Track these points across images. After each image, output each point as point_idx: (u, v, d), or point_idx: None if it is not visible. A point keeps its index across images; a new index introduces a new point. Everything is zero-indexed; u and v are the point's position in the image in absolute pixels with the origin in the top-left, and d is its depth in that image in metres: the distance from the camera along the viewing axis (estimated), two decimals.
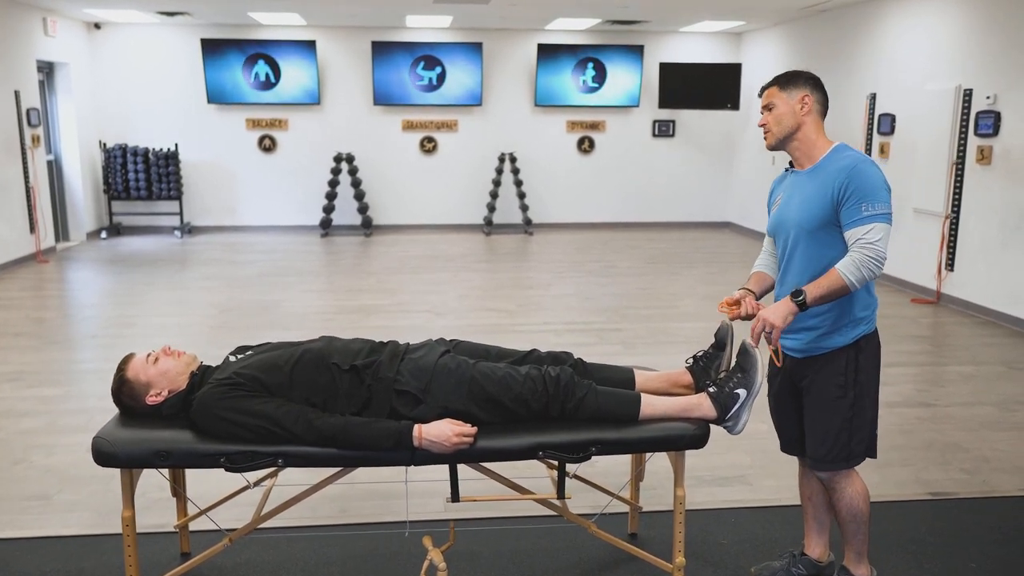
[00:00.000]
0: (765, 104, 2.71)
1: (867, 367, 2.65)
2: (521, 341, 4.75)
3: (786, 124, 2.66)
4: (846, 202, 2.51)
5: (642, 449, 2.75)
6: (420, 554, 2.83)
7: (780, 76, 2.72)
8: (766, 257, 2.94)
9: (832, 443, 2.65)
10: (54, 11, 9.67)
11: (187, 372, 2.73)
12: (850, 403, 2.63)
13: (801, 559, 2.95)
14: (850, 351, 2.63)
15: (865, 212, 2.48)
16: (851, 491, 2.70)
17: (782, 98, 2.67)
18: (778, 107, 2.67)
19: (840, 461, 2.66)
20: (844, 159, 2.59)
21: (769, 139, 2.71)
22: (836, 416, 2.64)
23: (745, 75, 11.32)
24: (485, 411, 2.63)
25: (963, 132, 7.05)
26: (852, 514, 2.71)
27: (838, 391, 2.63)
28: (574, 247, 10.34)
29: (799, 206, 2.65)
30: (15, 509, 3.48)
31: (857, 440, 2.66)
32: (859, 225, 2.49)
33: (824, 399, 2.66)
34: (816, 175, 2.64)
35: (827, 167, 2.61)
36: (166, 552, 3.11)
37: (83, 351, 5.88)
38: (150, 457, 2.51)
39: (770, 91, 2.70)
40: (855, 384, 2.63)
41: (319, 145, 11.30)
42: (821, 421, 2.67)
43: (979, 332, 6.40)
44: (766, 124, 2.70)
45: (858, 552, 2.78)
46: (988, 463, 4.00)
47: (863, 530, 2.74)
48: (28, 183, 9.12)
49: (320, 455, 2.53)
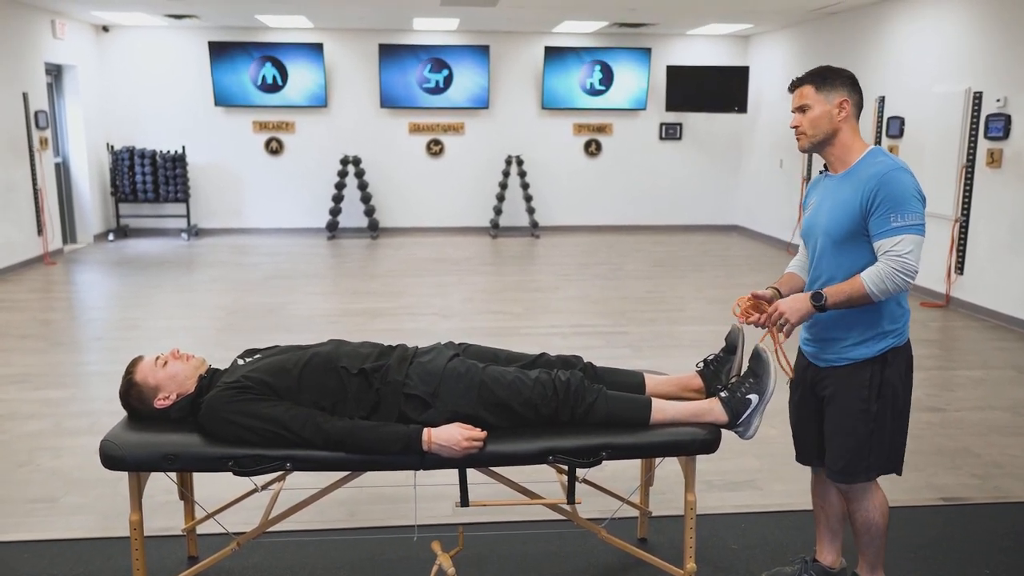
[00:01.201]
0: (799, 105, 2.53)
1: (893, 381, 2.54)
2: (528, 344, 4.74)
3: (822, 128, 2.51)
4: (875, 211, 2.39)
5: (653, 454, 2.73)
6: (429, 558, 2.81)
7: (815, 73, 2.53)
8: (800, 259, 2.83)
9: (851, 457, 2.57)
10: (62, 14, 9.70)
11: (195, 375, 2.71)
12: (872, 417, 2.54)
13: (813, 565, 2.90)
14: (876, 364, 2.52)
15: (894, 223, 2.36)
16: (868, 503, 2.63)
17: (819, 100, 2.50)
18: (813, 109, 2.50)
19: (859, 474, 2.58)
20: (876, 165, 2.45)
21: (802, 142, 2.55)
22: (857, 430, 2.55)
23: (752, 78, 11.30)
24: (495, 415, 2.61)
25: (973, 135, 7.02)
26: (867, 526, 2.65)
27: (861, 404, 2.53)
28: (581, 250, 10.32)
29: (828, 213, 2.54)
30: (21, 512, 3.47)
31: (876, 455, 2.57)
32: (888, 236, 2.37)
33: (846, 411, 2.56)
34: (847, 181, 2.51)
35: (859, 172, 2.48)
36: (173, 556, 3.10)
37: (89, 353, 5.88)
38: (158, 460, 2.50)
39: (804, 91, 2.52)
40: (879, 398, 2.53)
41: (326, 148, 11.31)
42: (841, 434, 2.58)
43: (989, 336, 6.36)
44: (800, 126, 2.53)
45: (871, 564, 2.72)
46: (1000, 468, 3.96)
47: (878, 543, 2.67)
48: (36, 185, 9.14)
49: (328, 459, 2.52)
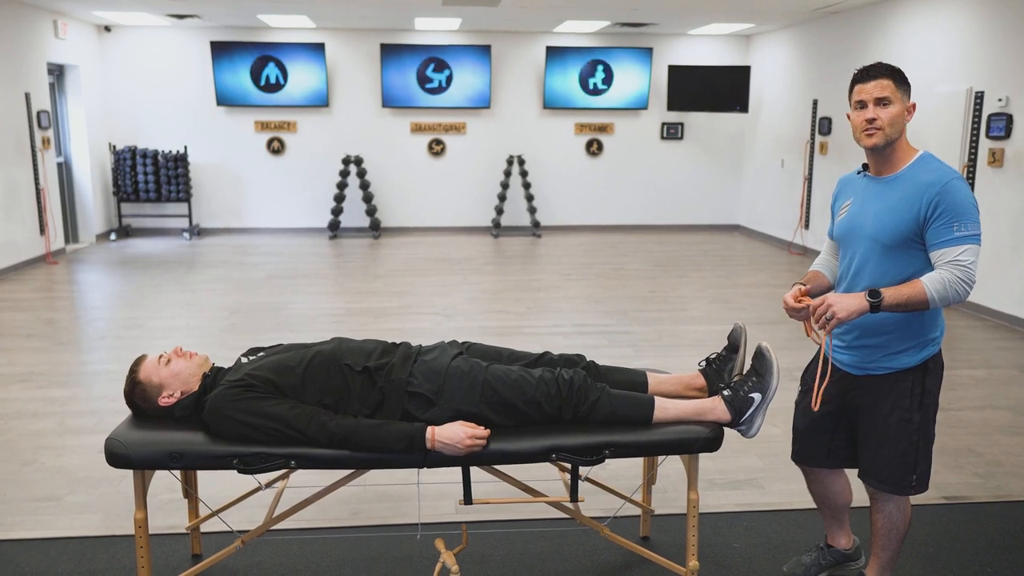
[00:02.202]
0: (880, 96, 2.40)
1: (933, 390, 2.52)
2: (530, 343, 4.75)
3: (897, 127, 2.42)
4: (935, 220, 2.34)
5: (656, 452, 2.73)
6: (432, 556, 2.82)
7: (896, 69, 2.43)
8: (827, 258, 2.76)
9: (896, 467, 2.53)
10: (64, 14, 9.71)
11: (199, 374, 2.72)
12: (916, 427, 2.50)
13: (829, 551, 2.94)
14: (918, 372, 2.49)
15: (958, 232, 2.32)
16: (895, 509, 2.61)
17: (898, 97, 2.42)
18: (894, 106, 2.41)
19: (907, 487, 2.55)
20: (933, 172, 2.40)
21: (876, 138, 2.42)
22: (901, 440, 2.51)
23: (754, 78, 11.31)
24: (498, 414, 2.62)
25: (974, 134, 7.02)
26: (889, 529, 2.63)
27: (903, 414, 2.49)
28: (582, 249, 10.32)
29: (876, 217, 2.46)
30: (26, 510, 3.48)
31: (923, 466, 2.54)
32: (951, 246, 2.33)
33: (888, 423, 2.51)
34: (898, 185, 2.45)
35: (913, 178, 2.42)
36: (177, 553, 3.11)
37: (92, 352, 5.89)
38: (163, 459, 2.50)
39: (886, 83, 2.41)
40: (921, 407, 2.50)
41: (328, 147, 11.32)
42: (885, 446, 2.53)
43: (991, 336, 6.37)
44: (878, 120, 2.40)
45: (883, 566, 2.70)
46: (1001, 467, 3.97)
47: (895, 547, 2.66)
48: (38, 185, 9.16)
49: (332, 457, 2.52)
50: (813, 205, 9.96)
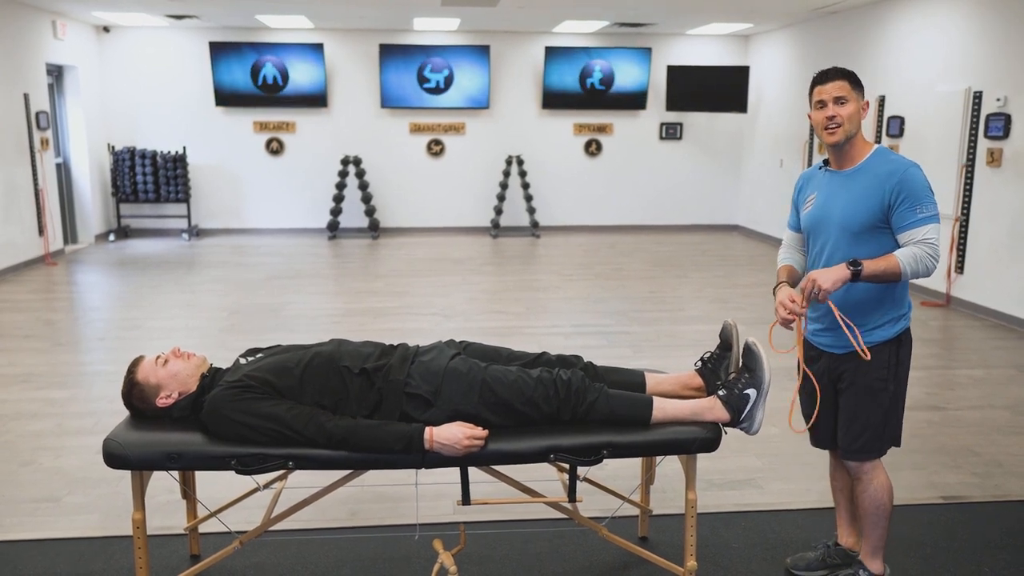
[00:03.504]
0: (838, 95, 2.63)
1: (905, 360, 2.72)
2: (529, 344, 4.74)
3: (855, 123, 2.64)
4: (899, 206, 2.56)
5: (654, 452, 2.73)
6: (430, 557, 2.82)
7: (847, 71, 2.66)
8: (792, 253, 2.94)
9: (870, 434, 2.71)
10: (63, 14, 9.71)
11: (197, 374, 2.72)
12: (890, 395, 2.70)
13: (835, 549, 3.01)
14: (892, 345, 2.68)
15: (920, 214, 2.55)
16: (876, 483, 2.76)
17: (853, 96, 2.64)
18: (850, 104, 2.63)
19: (873, 452, 2.73)
20: (891, 163, 2.62)
21: (838, 135, 2.64)
22: (877, 408, 2.70)
23: (753, 78, 11.31)
24: (496, 414, 2.62)
25: (973, 134, 7.02)
26: (875, 505, 2.76)
27: (880, 384, 2.68)
28: (581, 250, 10.33)
29: (844, 208, 2.66)
30: (24, 511, 3.48)
31: (891, 429, 2.74)
32: (917, 226, 2.55)
33: (867, 393, 2.69)
34: (859, 177, 2.66)
35: (873, 170, 2.64)
36: (176, 554, 3.11)
37: (91, 353, 5.89)
38: (161, 459, 2.50)
39: (842, 84, 2.64)
40: (895, 378, 2.70)
41: (326, 148, 11.32)
42: (862, 414, 2.71)
43: (989, 335, 6.37)
44: (837, 117, 2.63)
45: (875, 547, 2.82)
46: (1000, 467, 3.97)
47: (883, 524, 2.78)
48: (37, 186, 9.16)
49: (330, 457, 2.52)
50: None
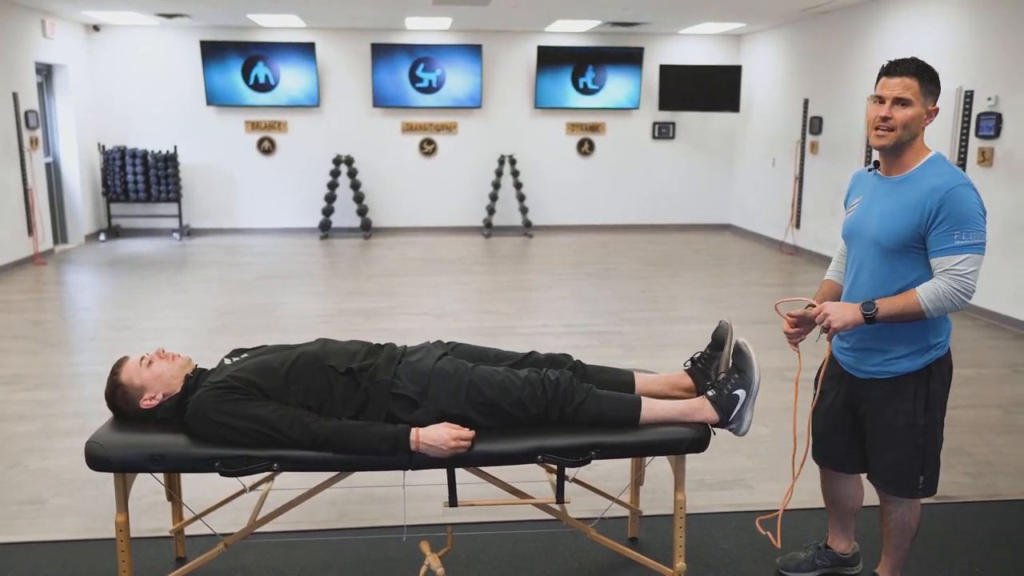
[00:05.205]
0: (900, 96, 2.32)
1: (939, 393, 2.48)
2: (520, 343, 4.72)
3: (912, 130, 2.35)
4: (937, 227, 2.28)
5: (643, 453, 2.71)
6: (418, 559, 2.80)
7: (926, 68, 2.35)
8: (839, 263, 2.73)
9: (902, 471, 2.53)
10: (53, 13, 9.65)
11: (182, 375, 2.69)
12: (921, 431, 2.48)
13: (826, 552, 2.95)
14: (920, 377, 2.45)
15: (958, 241, 2.27)
16: (907, 508, 2.62)
17: (920, 99, 2.34)
18: (912, 108, 2.33)
19: (915, 490, 2.54)
20: (941, 176, 2.32)
21: (887, 140, 2.35)
22: (906, 445, 2.50)
23: (745, 77, 11.31)
24: (483, 415, 2.60)
25: (964, 134, 7.02)
26: (901, 529, 2.64)
27: (906, 418, 2.47)
28: (574, 249, 10.31)
29: (880, 218, 2.42)
30: (9, 513, 3.45)
31: (930, 469, 2.53)
32: (949, 254, 2.28)
33: (892, 427, 2.50)
34: (905, 187, 2.39)
35: (919, 180, 2.36)
36: (161, 557, 3.08)
37: (81, 354, 5.85)
38: (144, 461, 2.48)
39: (910, 83, 2.33)
40: (926, 412, 2.47)
41: (318, 147, 11.28)
42: (890, 449, 2.53)
43: (982, 335, 6.37)
44: (892, 120, 2.33)
45: (895, 565, 2.72)
46: (992, 467, 3.96)
47: (907, 546, 2.67)
48: (26, 185, 9.10)
49: (316, 459, 2.50)
50: (804, 204, 9.97)
